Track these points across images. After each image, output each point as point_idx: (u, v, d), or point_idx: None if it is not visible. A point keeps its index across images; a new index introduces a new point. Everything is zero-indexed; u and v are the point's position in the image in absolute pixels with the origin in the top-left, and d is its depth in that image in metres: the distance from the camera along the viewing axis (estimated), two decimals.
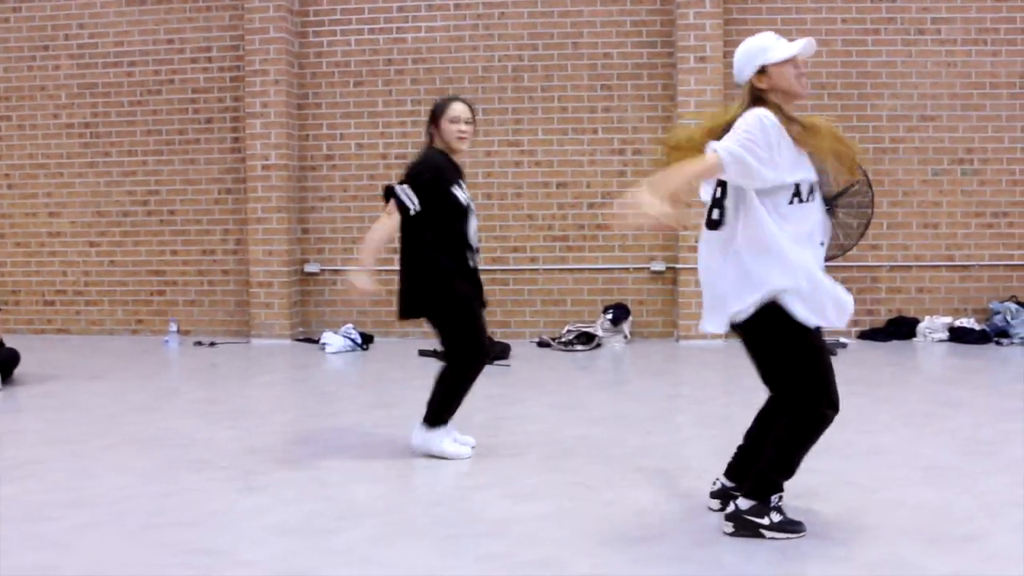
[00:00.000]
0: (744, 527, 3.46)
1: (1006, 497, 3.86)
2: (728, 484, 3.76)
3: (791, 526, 3.47)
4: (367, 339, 8.82)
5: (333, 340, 8.59)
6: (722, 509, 3.68)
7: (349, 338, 8.62)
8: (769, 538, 3.42)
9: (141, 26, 9.52)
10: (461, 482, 4.30)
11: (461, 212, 4.69)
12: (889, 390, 6.27)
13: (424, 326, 8.72)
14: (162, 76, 9.52)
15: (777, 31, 8.93)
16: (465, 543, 3.49)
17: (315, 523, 3.74)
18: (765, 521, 3.44)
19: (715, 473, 3.87)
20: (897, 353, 7.98)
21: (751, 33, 8.90)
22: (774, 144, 3.31)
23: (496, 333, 8.83)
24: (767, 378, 3.62)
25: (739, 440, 3.77)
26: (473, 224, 4.77)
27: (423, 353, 8.08)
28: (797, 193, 3.41)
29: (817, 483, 4.09)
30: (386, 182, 4.73)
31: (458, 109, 4.69)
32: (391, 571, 3.26)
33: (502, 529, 3.61)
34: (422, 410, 4.71)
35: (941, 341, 8.52)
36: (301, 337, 9.29)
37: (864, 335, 8.82)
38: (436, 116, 4.72)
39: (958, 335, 8.50)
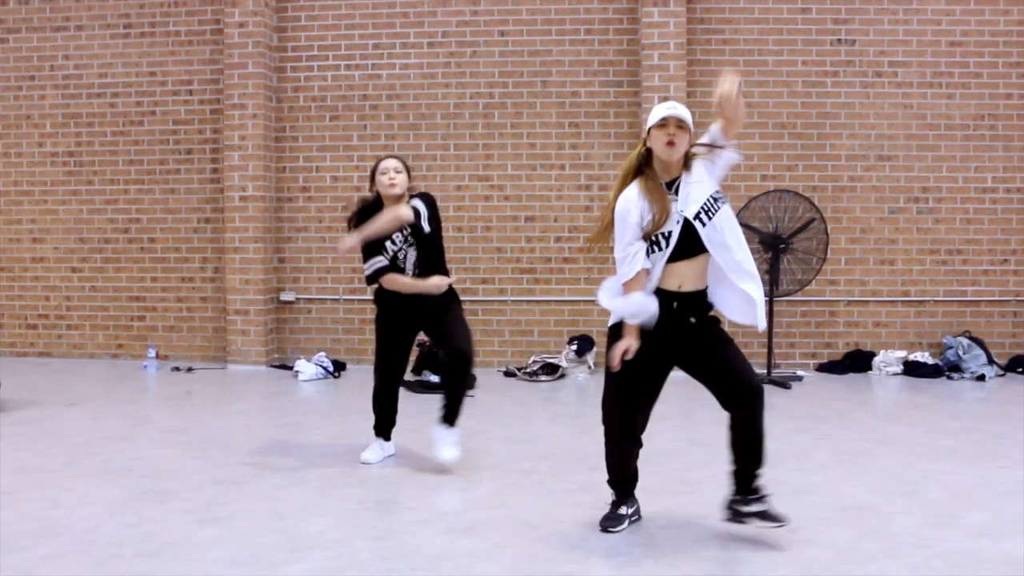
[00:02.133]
0: None
1: (911, 539, 4.13)
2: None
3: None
4: (339, 367, 9.07)
5: (305, 368, 8.85)
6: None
7: (321, 366, 8.88)
8: None
9: (124, 58, 9.80)
10: (405, 516, 4.56)
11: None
12: (832, 427, 6.54)
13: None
14: (144, 107, 9.79)
15: (739, 72, 9.28)
16: None
17: (265, 555, 3.99)
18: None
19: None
20: (850, 387, 8.26)
21: (715, 74, 9.26)
22: (630, 227, 4.04)
23: None
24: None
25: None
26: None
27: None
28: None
29: None
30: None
31: (386, 163, 5.51)
32: None
33: (435, 565, 3.87)
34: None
35: (895, 374, 8.80)
36: (276, 364, 9.54)
37: (822, 368, 9.10)
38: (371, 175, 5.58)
39: (912, 369, 8.79)
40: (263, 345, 9.45)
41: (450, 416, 5.44)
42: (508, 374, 8.92)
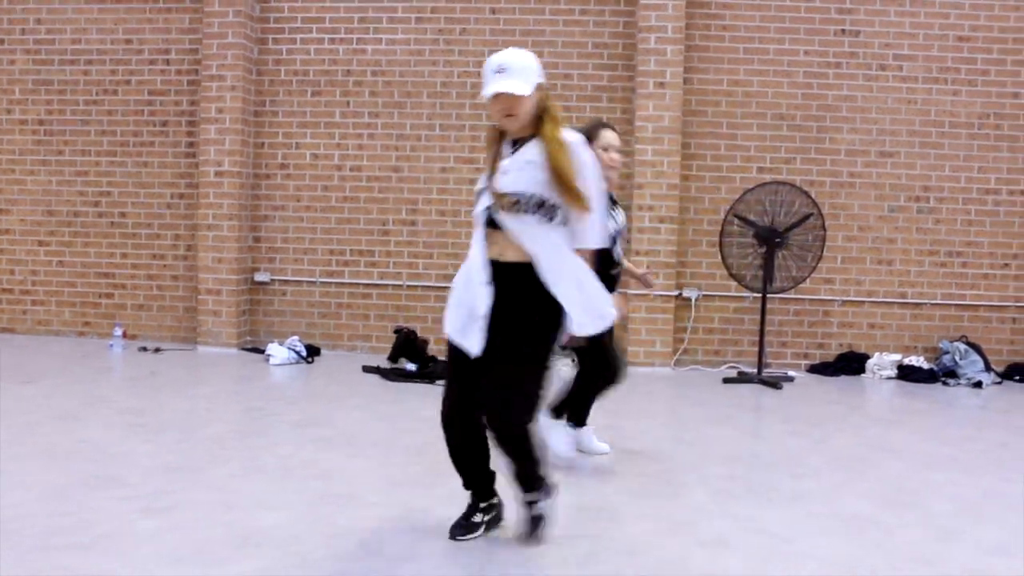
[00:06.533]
0: None
1: (914, 553, 3.78)
2: None
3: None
4: (313, 352, 8.70)
5: (277, 352, 8.47)
6: None
7: (294, 350, 8.50)
8: None
9: (99, 24, 9.39)
10: (368, 512, 4.17)
11: None
12: (827, 431, 6.20)
13: (373, 340, 8.64)
14: (119, 76, 9.39)
15: (739, 60, 8.93)
16: None
17: (208, 551, 3.62)
18: None
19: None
20: (843, 389, 7.93)
21: (713, 61, 8.85)
22: None
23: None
24: None
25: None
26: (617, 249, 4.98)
27: (366, 369, 8.00)
28: None
29: (730, 529, 4.02)
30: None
31: (608, 136, 4.84)
32: None
33: (395, 567, 3.50)
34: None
35: (889, 378, 8.48)
36: (248, 346, 9.16)
37: (813, 369, 8.77)
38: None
39: (906, 373, 8.46)
40: (235, 327, 9.06)
41: (582, 415, 5.18)
42: None
